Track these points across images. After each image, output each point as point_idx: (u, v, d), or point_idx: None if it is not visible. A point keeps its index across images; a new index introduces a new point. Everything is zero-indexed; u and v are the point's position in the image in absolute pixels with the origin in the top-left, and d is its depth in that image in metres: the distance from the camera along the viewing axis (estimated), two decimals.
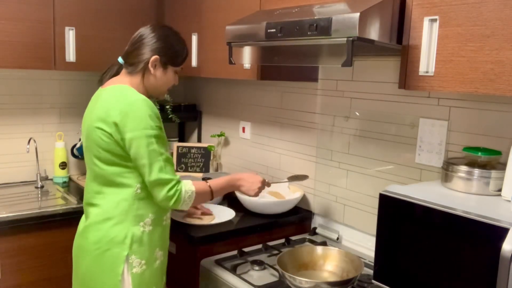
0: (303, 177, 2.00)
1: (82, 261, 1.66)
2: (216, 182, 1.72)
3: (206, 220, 2.05)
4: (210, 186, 1.68)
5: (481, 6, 1.25)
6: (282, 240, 2.08)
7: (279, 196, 2.27)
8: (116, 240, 1.58)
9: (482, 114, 1.60)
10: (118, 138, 1.55)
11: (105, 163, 1.59)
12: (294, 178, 2.01)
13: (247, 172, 2.12)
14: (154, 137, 1.54)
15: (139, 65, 1.65)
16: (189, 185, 1.61)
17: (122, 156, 1.57)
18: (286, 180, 2.01)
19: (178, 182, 1.58)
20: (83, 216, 1.73)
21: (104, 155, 1.58)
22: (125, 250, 1.58)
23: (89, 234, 1.63)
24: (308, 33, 1.48)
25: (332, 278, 1.71)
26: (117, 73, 1.72)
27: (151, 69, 1.65)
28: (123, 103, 1.54)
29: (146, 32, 1.66)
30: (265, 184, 1.81)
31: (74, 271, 1.73)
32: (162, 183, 1.55)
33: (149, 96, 1.69)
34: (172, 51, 1.67)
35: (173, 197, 1.56)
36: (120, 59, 1.70)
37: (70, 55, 2.39)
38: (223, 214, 2.13)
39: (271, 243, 2.04)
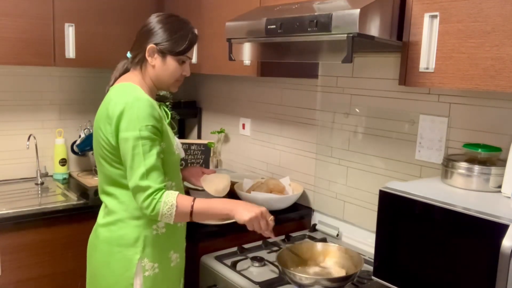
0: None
1: (93, 258, 1.65)
2: (203, 204, 1.47)
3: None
4: (192, 207, 1.46)
5: (481, 2, 1.24)
6: (282, 237, 2.08)
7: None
8: (127, 242, 1.55)
9: (482, 110, 1.60)
10: (116, 139, 1.51)
11: (109, 164, 1.56)
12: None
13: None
14: (144, 139, 1.46)
15: (138, 56, 1.59)
16: (171, 197, 1.44)
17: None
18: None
19: (158, 190, 1.44)
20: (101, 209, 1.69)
21: (108, 156, 1.55)
22: (137, 254, 1.55)
23: (100, 234, 1.61)
24: (308, 29, 1.48)
25: (332, 275, 1.71)
26: (127, 70, 1.65)
27: (149, 59, 1.57)
28: (120, 102, 1.49)
29: (147, 21, 1.59)
30: (265, 217, 1.49)
31: (87, 265, 1.71)
32: (140, 190, 1.44)
33: (157, 90, 1.65)
34: (171, 39, 1.56)
35: (148, 206, 1.43)
36: (128, 54, 1.65)
37: (70, 51, 2.39)
38: None
39: (271, 240, 2.04)
